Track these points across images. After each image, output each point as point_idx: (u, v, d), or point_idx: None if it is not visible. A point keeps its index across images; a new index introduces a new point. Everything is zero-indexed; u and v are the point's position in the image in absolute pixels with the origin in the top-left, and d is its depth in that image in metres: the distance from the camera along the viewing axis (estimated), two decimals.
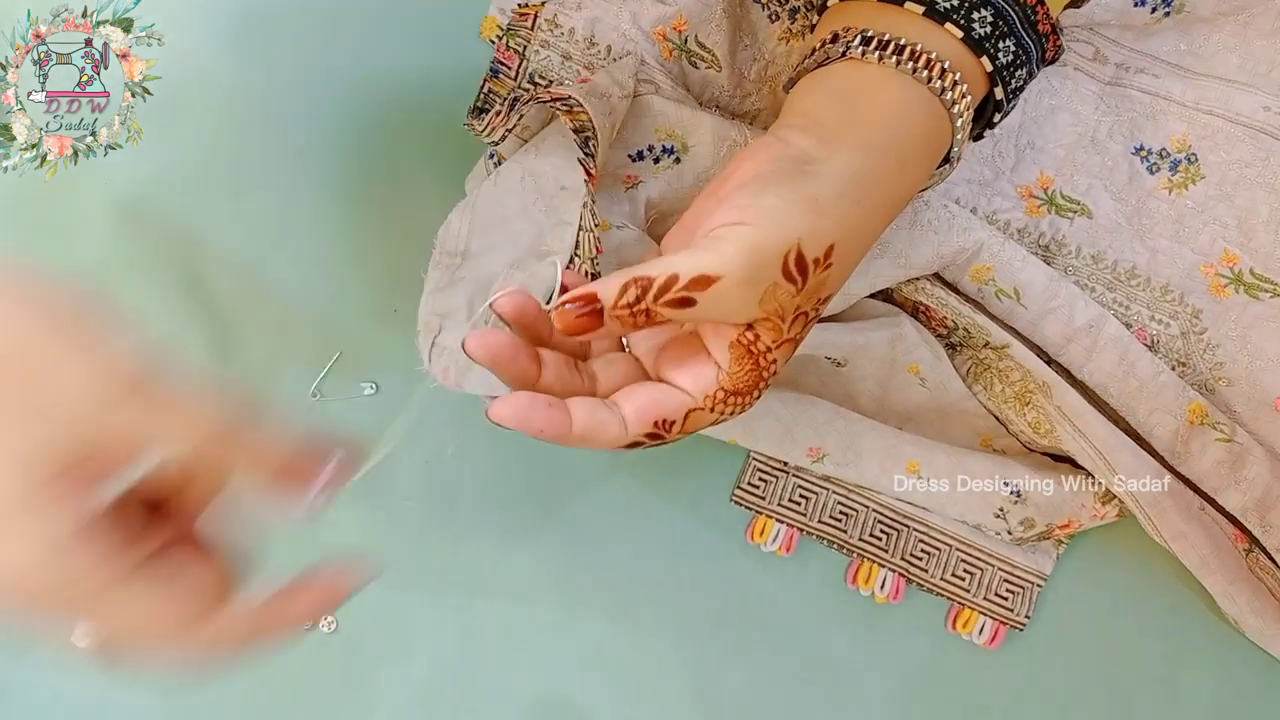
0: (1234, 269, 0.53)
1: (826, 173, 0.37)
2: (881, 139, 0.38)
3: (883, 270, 0.50)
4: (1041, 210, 0.53)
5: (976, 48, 0.40)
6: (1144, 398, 0.50)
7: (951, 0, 0.40)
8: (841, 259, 0.37)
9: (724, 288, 0.34)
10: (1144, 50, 0.53)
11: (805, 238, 0.35)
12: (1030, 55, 0.42)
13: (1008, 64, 0.41)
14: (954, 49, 0.40)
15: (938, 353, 0.52)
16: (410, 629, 0.54)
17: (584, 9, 0.52)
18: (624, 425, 0.36)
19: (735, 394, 0.36)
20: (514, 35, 0.53)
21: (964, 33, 0.40)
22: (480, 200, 0.48)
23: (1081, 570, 0.54)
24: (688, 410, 0.36)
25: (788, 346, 0.37)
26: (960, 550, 0.54)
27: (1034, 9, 0.41)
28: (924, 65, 0.39)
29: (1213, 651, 0.54)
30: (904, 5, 0.40)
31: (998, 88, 0.42)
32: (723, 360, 0.36)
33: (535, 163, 0.47)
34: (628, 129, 0.50)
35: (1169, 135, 0.53)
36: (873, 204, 0.38)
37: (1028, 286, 0.50)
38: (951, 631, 0.54)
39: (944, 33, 0.40)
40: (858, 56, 0.39)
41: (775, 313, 0.35)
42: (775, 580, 0.54)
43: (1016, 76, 0.42)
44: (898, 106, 0.39)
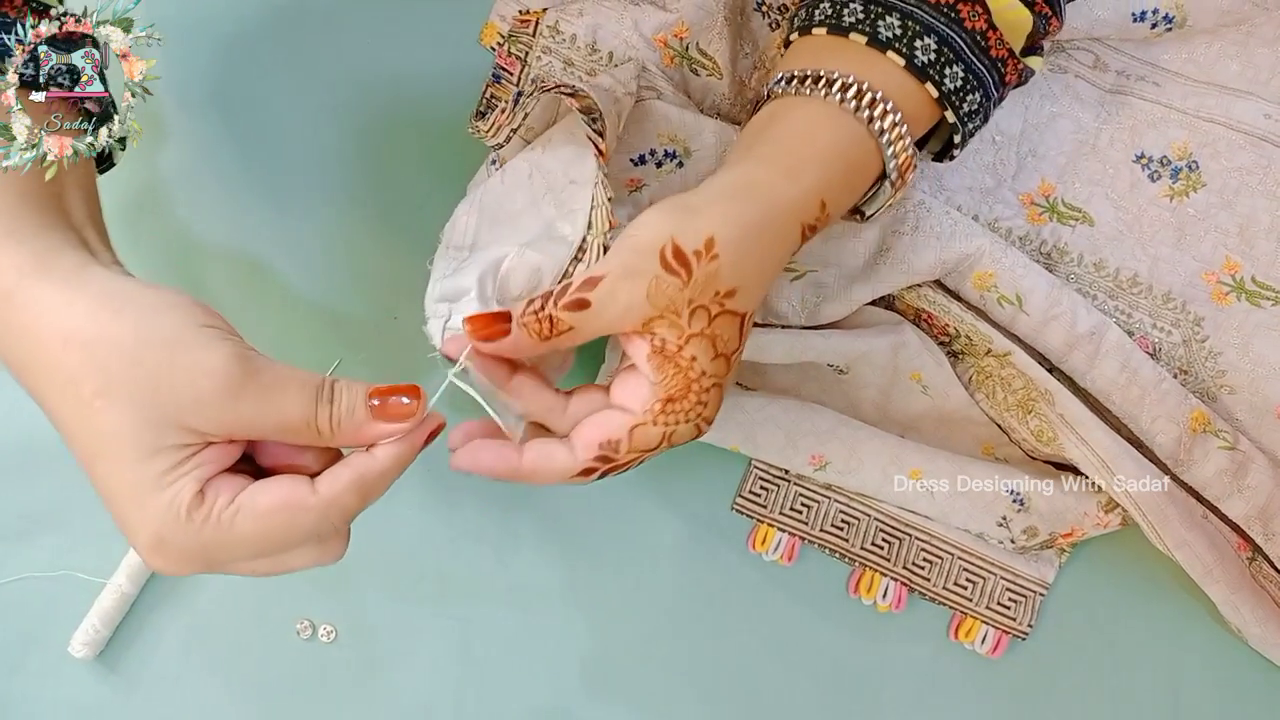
0: (1235, 277, 0.53)
1: (704, 186, 0.40)
2: (771, 152, 0.41)
3: (885, 276, 0.50)
4: (1043, 218, 0.53)
5: (920, 75, 0.42)
6: (1146, 405, 0.50)
7: (894, 30, 0.41)
8: (733, 252, 0.38)
9: (608, 286, 0.37)
10: (1145, 59, 0.53)
11: (678, 230, 0.37)
12: (983, 80, 0.43)
13: (956, 89, 0.43)
14: (896, 77, 0.42)
15: (940, 360, 0.52)
16: (411, 637, 0.53)
17: (585, 15, 0.52)
18: (571, 455, 0.38)
19: (671, 401, 0.38)
20: (515, 41, 0.53)
21: (906, 60, 0.41)
22: (486, 195, 0.47)
23: (1084, 579, 0.54)
24: (631, 426, 0.38)
25: (699, 341, 0.38)
26: (962, 559, 0.54)
27: (984, 35, 0.42)
28: (839, 89, 0.41)
29: (1216, 660, 0.54)
30: (849, 37, 0.42)
31: (948, 111, 0.43)
32: (649, 373, 0.38)
33: (543, 158, 0.47)
34: (630, 133, 0.50)
35: (1170, 143, 0.53)
36: (757, 201, 0.39)
37: (1030, 293, 0.50)
38: (954, 640, 0.54)
39: (886, 60, 0.42)
40: (779, 93, 0.43)
41: (667, 307, 0.37)
42: (777, 589, 0.54)
43: (969, 100, 0.43)
44: (800, 124, 0.42)
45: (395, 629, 0.53)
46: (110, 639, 0.53)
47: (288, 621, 0.53)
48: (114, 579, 0.52)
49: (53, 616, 0.53)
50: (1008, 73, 0.44)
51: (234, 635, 0.53)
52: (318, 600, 0.53)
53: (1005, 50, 0.43)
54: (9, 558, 0.53)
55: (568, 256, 0.44)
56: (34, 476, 0.53)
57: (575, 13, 0.52)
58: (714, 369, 0.38)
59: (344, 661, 0.53)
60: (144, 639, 0.53)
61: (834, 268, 0.51)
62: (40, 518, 0.53)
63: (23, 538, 0.53)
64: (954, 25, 0.42)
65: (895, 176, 0.43)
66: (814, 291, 0.51)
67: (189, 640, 0.53)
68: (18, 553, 0.53)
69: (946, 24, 0.41)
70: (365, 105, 0.54)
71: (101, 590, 0.52)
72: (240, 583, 0.52)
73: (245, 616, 0.53)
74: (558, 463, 0.38)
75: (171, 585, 0.53)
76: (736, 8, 0.53)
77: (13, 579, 0.53)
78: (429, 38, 0.54)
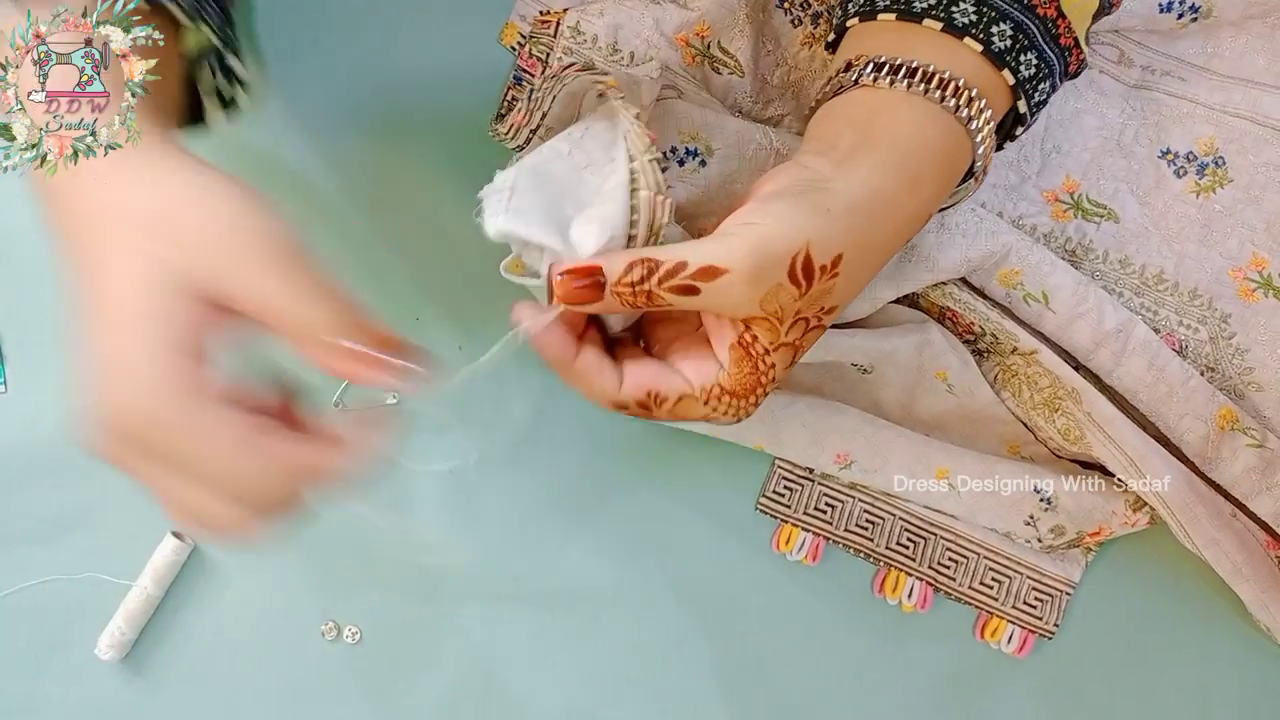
0: (1263, 273, 0.52)
1: (838, 189, 0.38)
2: (893, 158, 0.39)
3: (910, 274, 0.50)
4: (1068, 215, 0.53)
5: (997, 61, 0.40)
6: (1173, 403, 0.50)
7: (970, 15, 0.40)
8: (849, 272, 0.37)
9: (728, 281, 0.36)
10: (1170, 53, 0.53)
11: (815, 241, 0.36)
12: (1053, 68, 0.42)
13: (1030, 77, 0.41)
14: (974, 64, 0.40)
15: (965, 359, 0.51)
16: (435, 639, 0.53)
17: (606, 15, 0.52)
18: (619, 384, 0.38)
19: (731, 394, 0.38)
20: (536, 43, 0.53)
21: (984, 46, 0.40)
22: (528, 159, 0.43)
23: (1110, 578, 0.54)
24: (681, 394, 0.38)
25: (785, 351, 0.37)
26: (988, 558, 0.53)
27: (1055, 22, 0.41)
28: (936, 85, 0.39)
29: (1244, 660, 0.54)
30: (922, 23, 0.40)
31: (1021, 101, 0.42)
32: (724, 359, 0.37)
33: (584, 141, 0.44)
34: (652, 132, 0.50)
35: (1196, 138, 0.53)
36: (884, 221, 0.38)
37: (1057, 291, 0.49)
38: (980, 640, 0.54)
39: (963, 47, 0.40)
40: (870, 83, 0.40)
41: (775, 313, 0.36)
42: (801, 589, 0.54)
43: (1040, 90, 0.42)
44: (909, 126, 0.40)
45: (420, 630, 0.53)
46: (136, 641, 0.53)
47: (313, 623, 0.53)
48: (139, 581, 0.52)
49: (78, 618, 0.53)
50: (1071, 62, 0.43)
51: (259, 636, 0.53)
52: (342, 602, 0.53)
53: (1073, 39, 0.42)
54: (34, 560, 0.53)
55: (624, 194, 0.40)
56: (58, 479, 0.53)
57: (596, 13, 0.52)
58: (782, 375, 0.38)
59: (369, 663, 0.53)
60: (169, 641, 0.53)
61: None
62: (64, 520, 0.53)
63: (47, 540, 0.53)
64: (1027, 12, 0.40)
65: (980, 171, 0.42)
66: None
67: (214, 642, 0.53)
68: (43, 555, 0.53)
69: (1020, 10, 0.40)
70: (386, 105, 0.54)
71: (126, 592, 0.52)
72: (267, 585, 0.53)
73: (271, 618, 0.53)
74: (604, 381, 0.38)
75: (197, 587, 0.53)
76: (758, 5, 0.53)
77: (38, 581, 0.53)
78: (450, 37, 0.54)
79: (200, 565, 0.53)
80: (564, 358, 0.38)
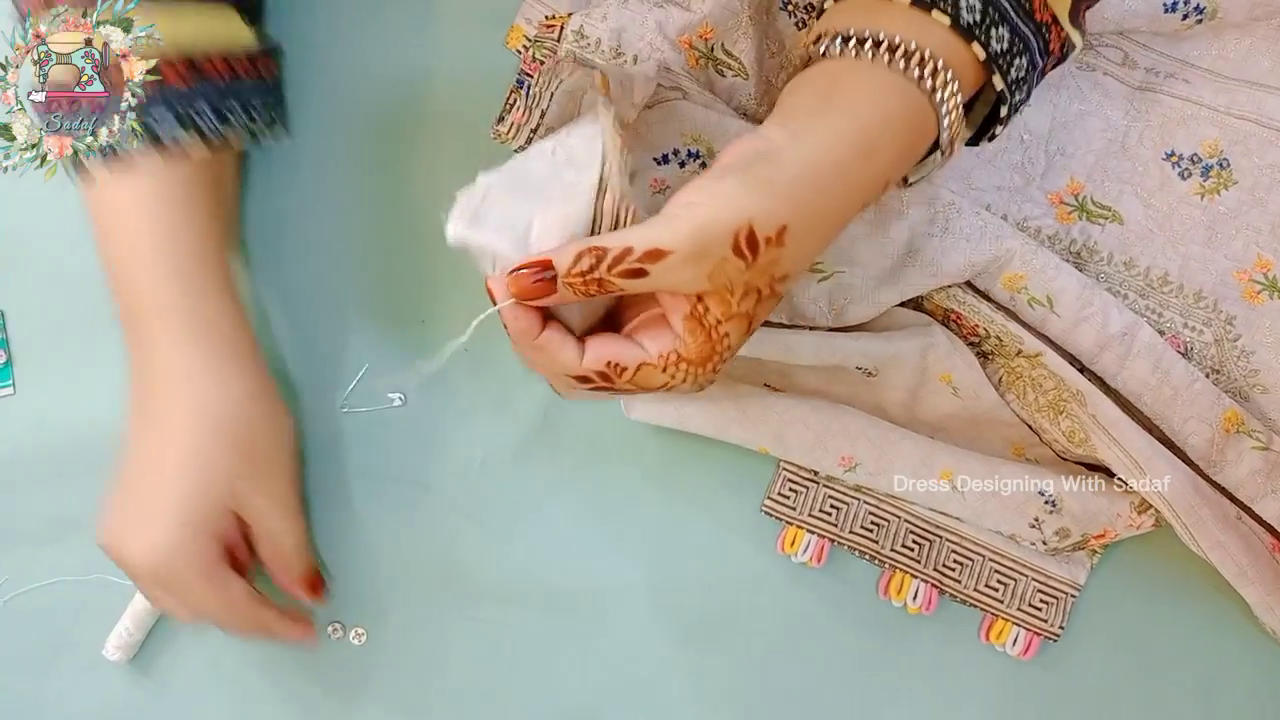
0: (1268, 275, 0.52)
1: (785, 159, 0.38)
2: (847, 126, 0.39)
3: (914, 279, 0.50)
4: (1072, 217, 0.53)
5: (965, 34, 0.40)
6: (1178, 406, 0.50)
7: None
8: (797, 241, 0.38)
9: (673, 261, 0.37)
10: (1174, 55, 0.53)
11: (757, 216, 0.37)
12: (1029, 44, 0.42)
13: (1003, 51, 0.41)
14: (942, 37, 0.40)
15: (970, 362, 0.51)
16: (441, 639, 0.54)
17: (609, 19, 0.52)
18: (579, 356, 0.39)
19: (688, 361, 0.39)
20: (540, 47, 0.53)
21: (951, 19, 0.40)
22: (510, 164, 0.44)
23: (1115, 580, 0.54)
24: (640, 362, 0.39)
25: (738, 320, 0.38)
26: (993, 560, 0.53)
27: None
28: (901, 55, 0.39)
29: (1250, 663, 0.53)
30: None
31: (995, 76, 0.41)
32: (679, 329, 0.39)
33: (567, 138, 0.45)
34: (654, 133, 0.50)
35: (1200, 140, 0.53)
36: (833, 189, 0.39)
37: (1061, 294, 0.49)
38: (985, 642, 0.54)
39: (931, 21, 0.40)
40: (836, 54, 0.40)
41: (724, 286, 0.37)
42: (806, 591, 0.54)
43: (1016, 65, 0.42)
44: (868, 95, 0.40)
45: (426, 631, 0.54)
46: (143, 643, 0.53)
47: (319, 624, 0.53)
48: None
49: (86, 620, 0.53)
50: (1051, 40, 0.42)
51: None
52: (349, 603, 0.54)
53: (1049, 15, 0.42)
54: (42, 561, 0.54)
55: (591, 195, 0.41)
56: (66, 480, 0.54)
57: (599, 16, 0.52)
58: (738, 342, 0.39)
59: (375, 664, 0.53)
60: (177, 642, 0.54)
61: (861, 269, 0.51)
62: (72, 521, 0.54)
63: (55, 541, 0.54)
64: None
65: (947, 145, 0.42)
66: (841, 293, 0.51)
67: (221, 643, 0.53)
68: (50, 556, 0.54)
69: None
70: (390, 107, 0.54)
71: (134, 594, 0.53)
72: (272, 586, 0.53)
73: None
74: (566, 354, 0.39)
75: None
76: (762, 7, 0.53)
77: (46, 582, 0.54)
78: (455, 39, 0.54)
79: None
80: (529, 330, 0.39)
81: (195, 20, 0.44)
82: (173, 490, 0.45)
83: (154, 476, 0.45)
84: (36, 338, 0.54)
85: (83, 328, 0.54)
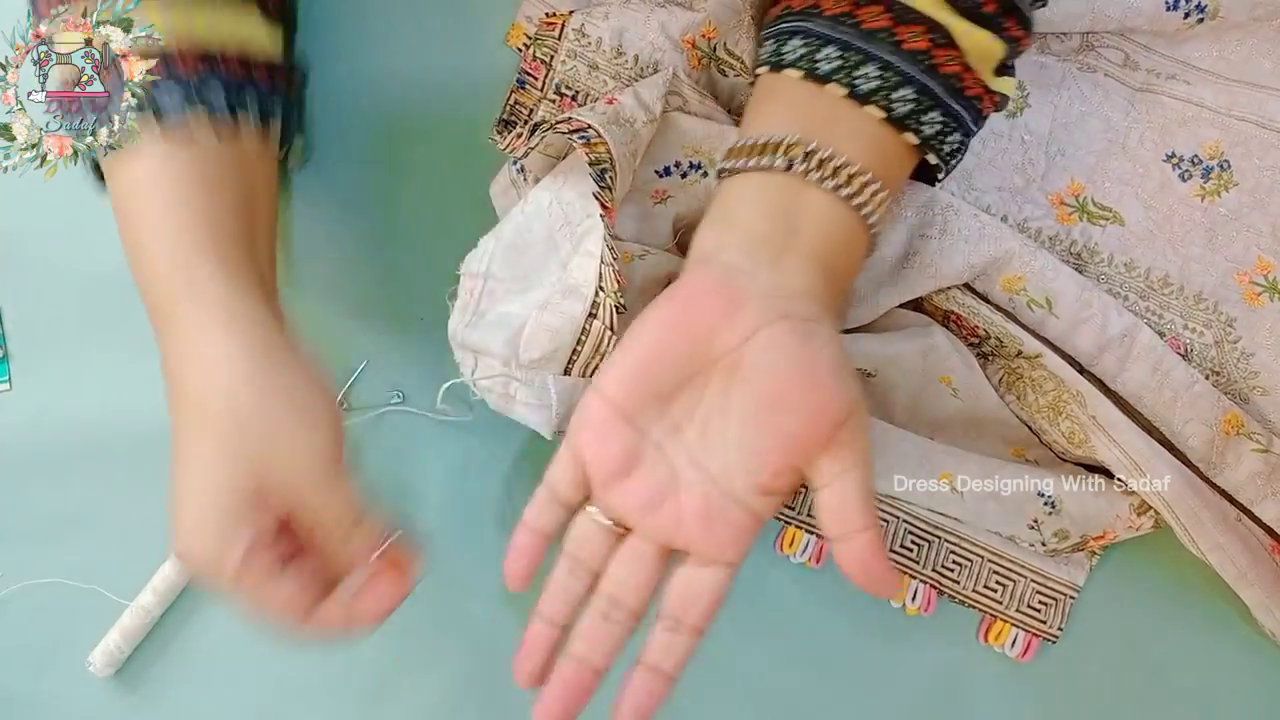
0: (1268, 277, 0.52)
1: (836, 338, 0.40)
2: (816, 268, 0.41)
3: (913, 281, 0.50)
4: (1073, 218, 0.53)
5: (899, 126, 0.41)
6: (1178, 408, 0.50)
7: (873, 82, 0.41)
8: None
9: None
10: (1175, 56, 0.53)
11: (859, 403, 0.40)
12: (961, 120, 0.43)
13: (935, 134, 0.42)
14: (877, 130, 0.42)
15: (970, 363, 0.51)
16: (433, 638, 0.53)
17: (611, 18, 0.52)
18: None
19: None
20: (541, 45, 0.53)
21: (885, 114, 0.41)
22: (508, 225, 0.48)
23: (1115, 582, 0.54)
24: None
25: None
26: (992, 561, 0.53)
27: (959, 77, 0.42)
28: (844, 182, 0.40)
29: (1249, 664, 0.53)
30: (824, 86, 0.41)
31: (930, 154, 0.43)
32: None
33: (563, 190, 0.47)
34: (655, 145, 0.50)
35: (1201, 142, 0.53)
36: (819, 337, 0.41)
37: (1060, 296, 0.49)
38: (983, 644, 0.53)
39: (865, 115, 0.41)
40: (780, 167, 0.41)
41: None
42: (805, 591, 0.54)
43: (949, 141, 0.43)
44: (824, 230, 0.41)
45: (420, 631, 0.53)
46: (130, 656, 0.53)
47: None
48: (139, 598, 0.52)
49: (76, 625, 0.53)
50: (983, 106, 0.44)
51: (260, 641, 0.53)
52: None
53: (981, 89, 0.43)
54: (36, 559, 0.53)
55: (583, 313, 0.45)
56: (65, 479, 0.53)
57: (601, 15, 0.52)
58: None
59: (365, 663, 0.53)
60: (166, 657, 0.53)
61: (861, 272, 0.51)
62: (69, 521, 0.53)
63: (51, 540, 0.53)
64: (929, 73, 0.41)
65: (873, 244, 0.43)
66: None
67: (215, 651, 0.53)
68: (45, 554, 0.53)
69: (922, 72, 0.41)
70: (389, 105, 0.54)
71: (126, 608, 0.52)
72: None
73: None
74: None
75: (197, 605, 0.53)
76: (763, 6, 0.53)
77: (40, 581, 0.53)
78: (455, 37, 0.54)
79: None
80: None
81: (212, 14, 0.43)
82: (198, 485, 0.41)
83: (181, 470, 0.42)
84: (34, 334, 0.54)
85: (80, 324, 0.53)
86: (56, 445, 0.53)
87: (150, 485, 0.53)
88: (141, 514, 0.53)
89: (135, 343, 0.53)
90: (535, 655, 0.42)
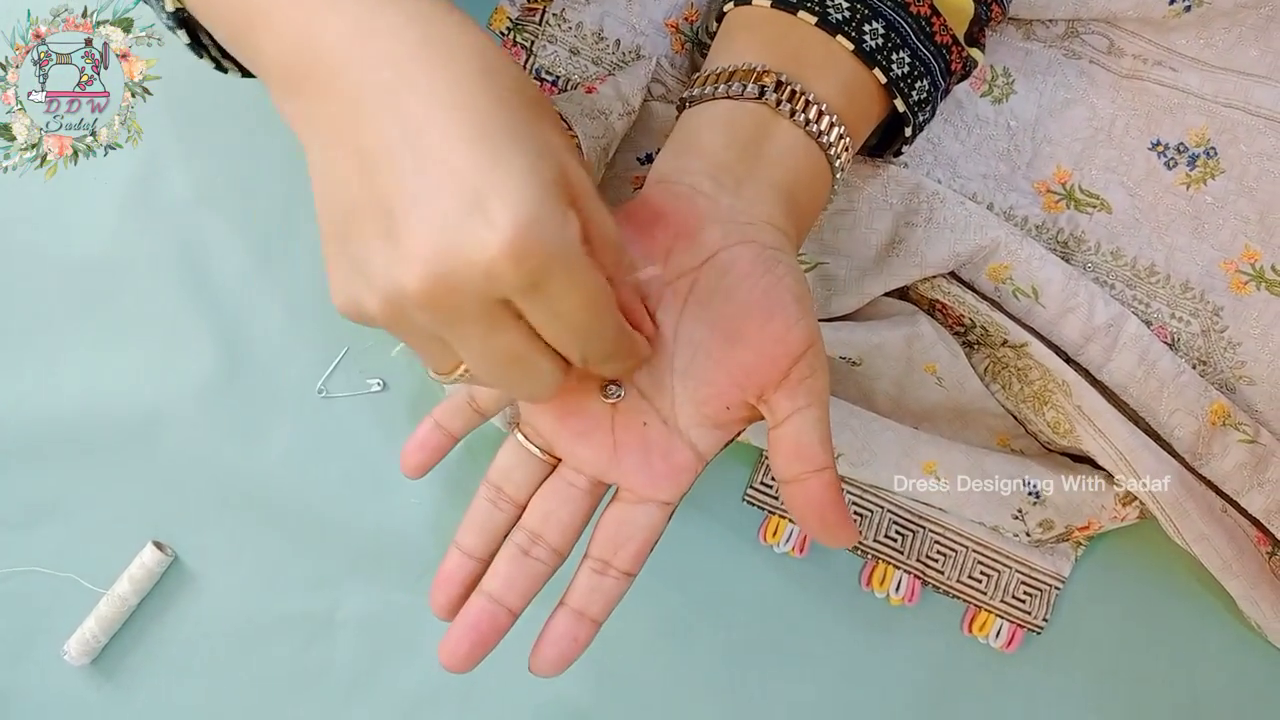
0: (1255, 265, 0.52)
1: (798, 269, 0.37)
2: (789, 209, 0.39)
3: (898, 269, 0.49)
4: (1060, 205, 0.52)
5: (868, 60, 0.40)
6: (1165, 398, 0.49)
7: (844, 12, 0.40)
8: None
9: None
10: (1162, 43, 0.53)
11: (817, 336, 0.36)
12: (930, 67, 0.42)
13: (904, 75, 0.41)
14: (847, 63, 0.40)
15: (955, 351, 0.51)
16: (415, 629, 0.53)
17: (593, 3, 0.51)
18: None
19: None
20: (521, 30, 0.52)
21: (855, 45, 0.40)
22: None
23: (1100, 573, 0.53)
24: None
25: None
26: (977, 552, 0.53)
27: (929, 20, 0.41)
28: (815, 118, 0.39)
29: (1233, 655, 0.53)
30: (796, 14, 0.40)
31: (898, 100, 0.42)
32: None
33: None
34: (636, 133, 0.50)
35: (1187, 129, 0.52)
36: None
37: (1046, 285, 0.49)
38: (968, 634, 0.53)
39: (835, 44, 0.40)
40: (753, 95, 0.39)
41: None
42: (788, 582, 0.53)
43: (917, 88, 0.42)
44: (789, 161, 0.39)
45: (402, 618, 0.53)
46: (106, 645, 0.52)
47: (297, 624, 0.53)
48: (115, 587, 0.52)
49: (52, 613, 0.52)
50: (952, 60, 0.43)
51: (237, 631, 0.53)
52: (320, 591, 0.53)
53: (949, 36, 0.42)
54: (12, 547, 0.53)
55: None
56: (41, 465, 0.53)
57: (583, 0, 0.51)
58: None
59: (348, 654, 0.53)
60: (142, 647, 0.53)
61: (845, 260, 0.50)
62: (45, 508, 0.53)
63: (26, 527, 0.53)
64: (899, 9, 0.40)
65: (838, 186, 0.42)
66: (825, 284, 0.51)
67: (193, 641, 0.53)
68: (21, 542, 0.53)
69: (892, 8, 0.40)
70: None
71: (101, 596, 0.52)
72: (245, 585, 0.52)
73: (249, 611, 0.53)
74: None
75: (173, 595, 0.53)
76: None
77: (15, 569, 0.53)
78: None
79: (179, 575, 0.53)
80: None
81: None
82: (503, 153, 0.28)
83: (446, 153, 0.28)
84: (11, 322, 0.53)
85: (58, 312, 0.53)
86: (33, 433, 0.53)
87: (128, 474, 0.53)
88: (118, 502, 0.52)
89: (114, 330, 0.53)
90: (449, 587, 0.38)
